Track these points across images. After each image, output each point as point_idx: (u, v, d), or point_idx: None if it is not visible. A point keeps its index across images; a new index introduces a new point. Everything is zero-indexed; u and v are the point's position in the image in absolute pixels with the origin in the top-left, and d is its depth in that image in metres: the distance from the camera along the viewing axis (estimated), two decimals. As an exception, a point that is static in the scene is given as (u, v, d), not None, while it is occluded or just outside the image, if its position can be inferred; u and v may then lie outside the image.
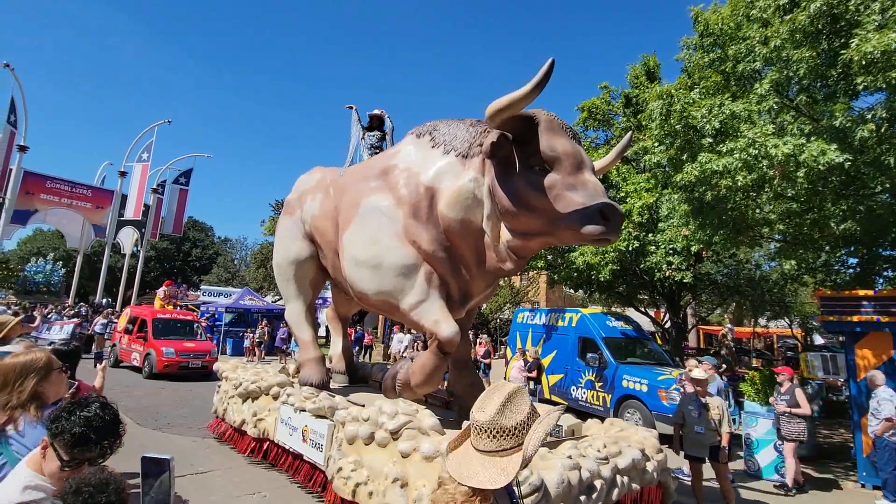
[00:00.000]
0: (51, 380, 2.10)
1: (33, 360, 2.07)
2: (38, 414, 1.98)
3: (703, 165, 6.95)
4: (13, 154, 23.03)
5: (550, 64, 3.65)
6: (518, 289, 28.53)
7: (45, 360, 2.10)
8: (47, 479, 1.54)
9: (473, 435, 1.38)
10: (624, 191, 11.82)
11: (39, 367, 2.05)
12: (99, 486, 1.11)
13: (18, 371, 2.00)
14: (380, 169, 5.21)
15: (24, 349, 2.36)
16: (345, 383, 6.98)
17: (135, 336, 13.40)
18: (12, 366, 2.01)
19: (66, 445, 1.49)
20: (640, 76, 13.89)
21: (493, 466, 1.30)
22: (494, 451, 1.33)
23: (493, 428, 1.34)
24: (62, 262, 33.72)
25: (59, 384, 2.20)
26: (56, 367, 2.17)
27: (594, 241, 3.94)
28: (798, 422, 6.63)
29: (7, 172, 22.86)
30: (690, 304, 15.74)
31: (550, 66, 3.65)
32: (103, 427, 1.53)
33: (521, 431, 1.34)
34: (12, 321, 4.87)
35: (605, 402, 9.53)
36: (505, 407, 1.36)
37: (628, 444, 4.40)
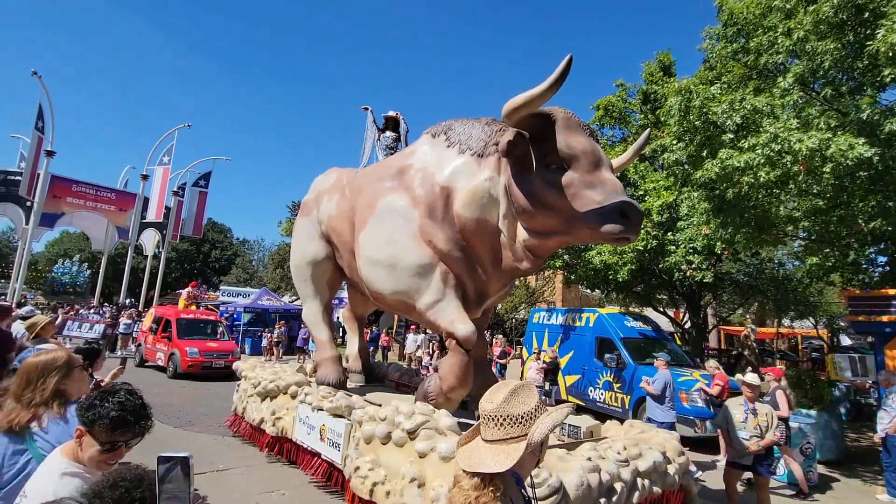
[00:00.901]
0: (73, 377, 2.16)
1: (54, 358, 2.13)
2: (60, 411, 2.03)
3: (724, 162, 6.78)
4: (41, 159, 23.76)
5: (568, 60, 3.60)
6: (534, 288, 28.34)
7: (65, 359, 2.16)
8: (83, 467, 1.59)
9: (482, 426, 1.41)
10: (642, 189, 11.63)
11: (60, 365, 2.11)
12: (134, 481, 1.14)
13: (40, 370, 2.06)
14: (395, 169, 5.22)
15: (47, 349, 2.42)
16: (361, 383, 7.03)
17: (159, 336, 13.62)
18: (34, 365, 2.07)
19: (105, 429, 1.56)
20: (655, 73, 13.67)
21: (500, 453, 1.32)
22: (501, 440, 1.35)
23: (500, 415, 1.36)
24: (87, 264, 34.73)
25: (82, 381, 2.26)
26: (77, 366, 2.23)
27: (613, 241, 3.88)
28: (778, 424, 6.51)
29: (35, 177, 23.60)
30: (711, 303, 15.41)
31: (568, 63, 3.60)
32: (136, 409, 1.62)
33: (527, 420, 1.36)
34: (44, 320, 5.04)
35: (623, 404, 9.40)
36: (512, 396, 1.39)
37: (649, 447, 4.32)
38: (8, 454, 1.88)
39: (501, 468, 1.29)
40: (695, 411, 8.16)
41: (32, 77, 22.60)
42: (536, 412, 1.38)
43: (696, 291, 12.74)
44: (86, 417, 1.59)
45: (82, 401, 1.68)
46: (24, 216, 24.36)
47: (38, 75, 22.76)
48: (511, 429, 1.35)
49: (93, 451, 1.59)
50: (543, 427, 1.35)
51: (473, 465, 1.32)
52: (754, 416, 5.07)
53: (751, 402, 5.19)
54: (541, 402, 1.43)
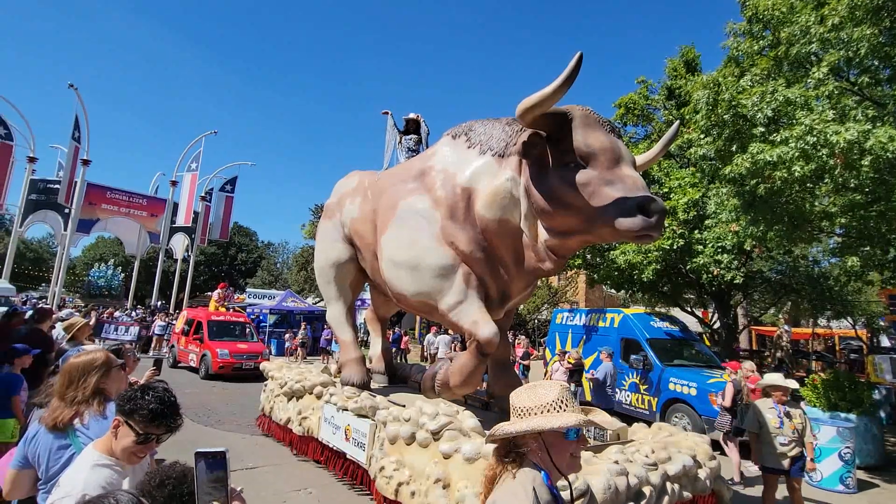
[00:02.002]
0: (111, 376, 2.27)
1: (94, 358, 2.25)
2: (100, 408, 2.13)
3: (755, 156, 6.56)
4: (78, 167, 24.79)
5: (578, 58, 3.53)
6: (556, 289, 28.02)
7: (104, 359, 2.27)
8: (114, 459, 1.67)
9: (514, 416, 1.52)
10: (667, 186, 11.35)
11: (99, 364, 2.23)
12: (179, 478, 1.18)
13: (81, 369, 2.17)
14: (417, 171, 5.24)
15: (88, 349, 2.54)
16: (384, 383, 7.07)
17: (191, 338, 13.92)
18: (75, 365, 2.19)
19: (143, 420, 1.64)
20: (679, 68, 13.34)
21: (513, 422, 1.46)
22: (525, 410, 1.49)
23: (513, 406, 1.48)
24: (121, 268, 36.00)
25: (120, 380, 2.36)
26: (115, 365, 2.34)
27: (635, 238, 3.75)
28: (724, 414, 6.81)
29: (73, 185, 24.63)
30: (741, 303, 14.94)
31: (579, 61, 3.54)
32: (172, 404, 1.73)
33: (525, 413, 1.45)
34: (80, 322, 5.25)
35: (650, 406, 9.20)
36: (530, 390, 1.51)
37: (678, 450, 4.21)
38: (53, 449, 1.98)
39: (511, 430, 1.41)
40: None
41: (69, 89, 23.61)
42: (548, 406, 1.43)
43: (725, 291, 12.37)
44: (125, 408, 1.67)
45: (122, 393, 1.75)
46: (62, 222, 25.45)
47: (74, 87, 23.77)
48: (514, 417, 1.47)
49: (127, 440, 1.66)
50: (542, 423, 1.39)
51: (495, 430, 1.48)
52: (789, 420, 4.88)
53: (780, 405, 5.00)
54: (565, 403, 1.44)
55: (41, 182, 25.39)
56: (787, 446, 4.78)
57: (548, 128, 3.97)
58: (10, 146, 23.52)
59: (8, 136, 23.46)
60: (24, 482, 2.02)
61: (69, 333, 5.20)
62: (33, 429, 2.09)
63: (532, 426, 1.37)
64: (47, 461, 1.97)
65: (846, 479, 6.47)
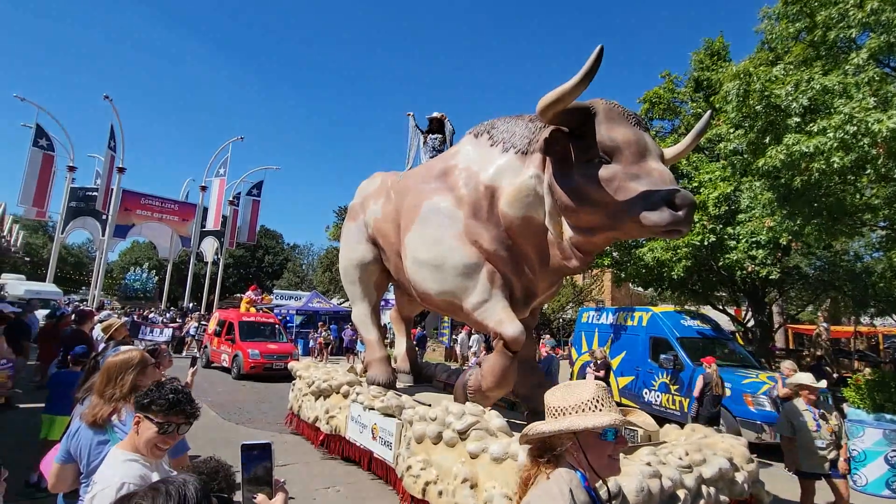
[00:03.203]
0: (147, 373, 2.38)
1: (130, 357, 2.37)
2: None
3: (790, 148, 6.29)
4: (113, 175, 25.85)
5: (599, 52, 3.45)
6: (581, 287, 27.61)
7: (139, 358, 2.40)
8: (140, 455, 1.73)
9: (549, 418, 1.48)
10: (696, 181, 11.02)
11: (135, 363, 2.35)
12: (211, 473, 1.22)
13: (118, 367, 2.29)
14: (439, 170, 5.24)
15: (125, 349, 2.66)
16: (410, 383, 7.10)
17: (223, 338, 14.23)
18: (113, 363, 2.30)
19: (161, 410, 1.72)
20: (705, 60, 12.91)
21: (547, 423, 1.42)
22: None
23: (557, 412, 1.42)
24: (155, 271, 37.37)
25: (154, 377, 2.46)
26: (150, 363, 2.47)
27: (662, 233, 3.64)
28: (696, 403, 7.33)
29: (109, 192, 25.69)
30: (777, 300, 14.38)
31: (599, 54, 3.45)
32: (186, 394, 1.81)
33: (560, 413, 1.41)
34: (117, 323, 5.46)
35: (681, 407, 8.95)
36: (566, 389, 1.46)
37: (714, 452, 4.07)
38: (93, 444, 2.07)
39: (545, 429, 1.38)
40: (762, 415, 7.64)
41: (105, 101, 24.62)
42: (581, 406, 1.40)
43: (759, 287, 11.93)
44: (143, 402, 1.75)
45: (139, 393, 1.83)
46: (100, 228, 26.58)
47: (109, 99, 24.78)
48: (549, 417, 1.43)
49: (150, 433, 1.72)
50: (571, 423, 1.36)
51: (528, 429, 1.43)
52: (825, 422, 4.67)
53: (813, 406, 4.76)
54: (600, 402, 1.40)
55: (80, 190, 26.59)
56: (826, 450, 4.57)
57: (570, 123, 3.90)
58: (51, 156, 24.71)
59: (50, 147, 24.64)
60: (67, 476, 2.11)
61: (107, 334, 5.42)
62: (75, 425, 2.18)
63: (566, 426, 1.33)
64: (88, 455, 2.06)
65: (893, 484, 6.15)
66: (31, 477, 4.57)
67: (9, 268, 27.85)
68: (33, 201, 23.92)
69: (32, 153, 23.67)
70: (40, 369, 9.10)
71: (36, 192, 23.88)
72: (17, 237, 15.25)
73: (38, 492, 4.39)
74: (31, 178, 23.56)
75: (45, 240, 42.90)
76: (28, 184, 23.50)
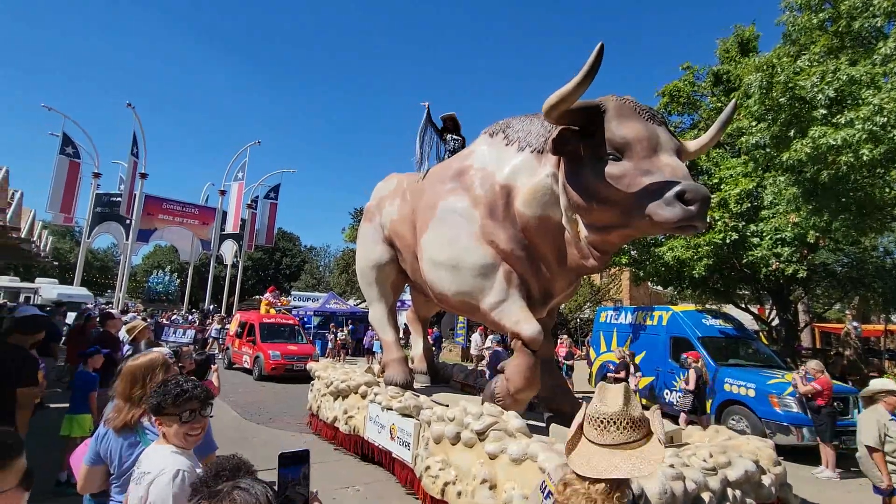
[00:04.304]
0: (171, 373, 2.41)
1: (154, 358, 2.42)
2: None
3: (817, 141, 6.12)
4: (136, 181, 26.52)
5: (599, 50, 3.38)
6: (598, 287, 27.28)
7: (163, 359, 2.44)
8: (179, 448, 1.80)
9: (596, 429, 1.38)
10: (717, 177, 10.77)
11: (161, 363, 2.39)
12: (233, 469, 1.23)
13: (145, 369, 2.32)
14: (455, 170, 5.23)
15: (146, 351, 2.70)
16: (427, 383, 7.10)
17: (245, 340, 14.36)
18: (139, 365, 2.34)
19: (173, 404, 1.79)
20: (731, 50, 12.56)
21: (630, 458, 1.31)
22: (623, 444, 1.33)
23: (624, 419, 1.35)
24: (177, 274, 38.24)
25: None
26: (171, 363, 2.53)
27: (675, 230, 3.53)
28: (686, 396, 7.93)
29: (132, 197, 26.36)
30: (802, 298, 13.97)
31: (599, 52, 3.38)
32: (190, 382, 1.88)
33: (645, 422, 1.37)
34: (141, 325, 5.59)
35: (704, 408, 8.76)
36: (629, 399, 1.40)
37: (739, 454, 3.96)
38: (124, 447, 2.10)
39: (641, 473, 1.30)
40: (789, 417, 7.43)
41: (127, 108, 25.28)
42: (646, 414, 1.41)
43: (784, 285, 11.60)
44: (154, 406, 1.80)
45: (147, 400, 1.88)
46: (124, 233, 27.28)
47: (132, 107, 25.42)
48: (633, 432, 1.34)
49: (174, 427, 1.78)
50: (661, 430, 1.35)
51: (603, 472, 1.29)
52: None
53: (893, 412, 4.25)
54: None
55: (105, 196, 27.33)
56: None
57: (579, 122, 3.84)
58: (77, 164, 25.45)
59: (76, 155, 25.39)
60: (96, 477, 2.15)
61: (131, 335, 5.56)
62: (103, 428, 2.21)
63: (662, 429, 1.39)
64: (119, 458, 2.09)
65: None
66: (60, 475, 4.70)
67: (38, 272, 28.83)
68: (61, 207, 24.66)
69: (59, 161, 24.42)
70: (69, 370, 9.38)
71: (63, 198, 24.62)
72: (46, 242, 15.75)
73: (67, 488, 4.51)
74: (58, 185, 24.30)
75: (72, 245, 44.25)
76: (56, 191, 24.24)
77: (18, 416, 3.44)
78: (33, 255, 13.34)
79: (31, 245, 11.61)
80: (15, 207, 8.82)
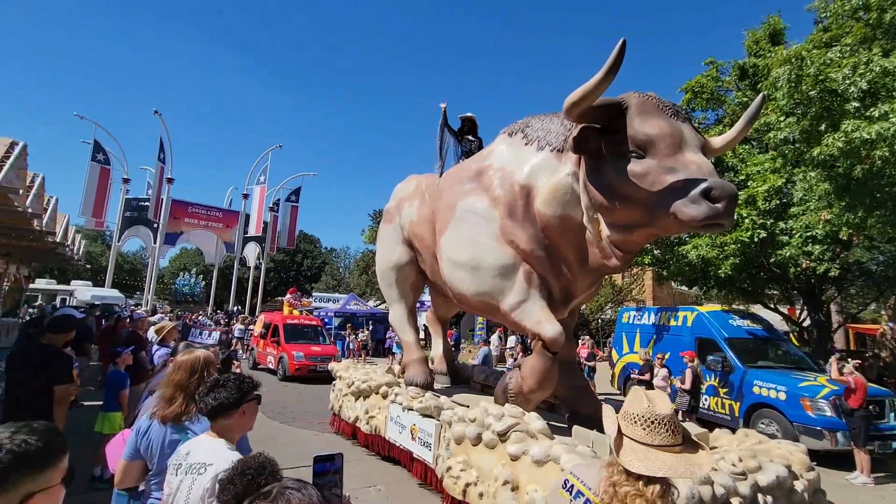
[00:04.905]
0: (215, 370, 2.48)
1: (208, 355, 2.46)
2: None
3: (850, 135, 5.90)
4: (163, 186, 27.33)
5: (621, 46, 3.32)
6: (620, 287, 26.83)
7: (212, 357, 2.51)
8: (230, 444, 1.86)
9: (645, 429, 1.38)
10: (743, 173, 10.48)
11: (212, 361, 2.45)
12: (258, 468, 1.26)
13: (202, 363, 2.35)
14: (474, 171, 5.23)
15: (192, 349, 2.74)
16: (447, 384, 7.10)
17: (269, 340, 14.54)
18: (196, 359, 2.36)
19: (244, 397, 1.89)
20: (761, 41, 12.17)
21: (679, 459, 1.34)
22: (671, 445, 1.36)
23: (674, 423, 1.38)
24: (202, 276, 39.19)
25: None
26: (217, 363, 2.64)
27: (701, 228, 3.44)
28: (683, 395, 8.12)
29: (160, 202, 27.18)
30: (835, 298, 13.47)
31: (621, 49, 3.33)
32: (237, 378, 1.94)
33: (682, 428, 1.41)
34: (169, 326, 5.75)
35: (731, 411, 8.54)
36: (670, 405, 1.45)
37: (770, 459, 3.85)
38: (166, 444, 2.11)
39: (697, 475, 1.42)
40: (822, 421, 7.18)
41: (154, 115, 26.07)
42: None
43: (816, 285, 11.21)
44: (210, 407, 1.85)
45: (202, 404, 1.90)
46: (152, 236, 28.13)
47: (158, 114, 26.22)
48: (678, 437, 1.38)
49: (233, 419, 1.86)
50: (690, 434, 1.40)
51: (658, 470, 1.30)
52: None
53: None
54: None
55: (134, 200, 28.23)
56: None
57: (600, 120, 3.79)
58: (108, 170, 26.38)
59: (106, 161, 26.32)
60: (133, 472, 2.18)
61: (160, 336, 5.72)
62: (145, 424, 2.21)
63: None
64: (160, 454, 2.09)
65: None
66: (94, 470, 4.87)
67: (72, 275, 29.94)
68: (93, 212, 25.59)
69: (91, 167, 25.35)
70: (101, 369, 9.72)
71: (95, 203, 25.54)
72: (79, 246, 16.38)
73: (100, 483, 4.67)
74: (90, 190, 25.22)
75: (102, 248, 45.81)
76: (88, 196, 25.16)
77: (56, 412, 3.57)
78: (68, 258, 13.88)
79: (65, 249, 12.09)
80: (50, 213, 9.20)
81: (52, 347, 3.84)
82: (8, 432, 1.08)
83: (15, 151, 5.75)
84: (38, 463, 1.09)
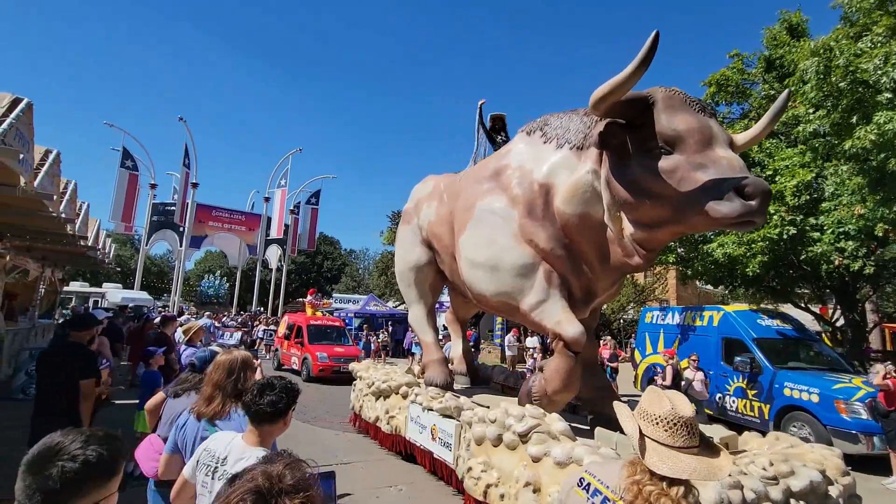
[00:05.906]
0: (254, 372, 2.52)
1: (246, 356, 2.48)
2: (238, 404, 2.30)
3: (883, 126, 5.68)
4: (188, 190, 28.05)
5: (654, 37, 3.25)
6: (643, 286, 26.34)
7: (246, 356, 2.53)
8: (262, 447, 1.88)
9: (667, 431, 1.36)
10: (770, 168, 10.14)
11: (250, 361, 2.47)
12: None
13: (240, 364, 2.39)
14: (492, 170, 5.21)
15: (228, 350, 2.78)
16: (467, 385, 7.09)
17: (293, 341, 14.67)
18: (234, 359, 2.41)
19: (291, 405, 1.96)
20: (779, 37, 11.86)
21: (700, 461, 1.33)
22: (691, 447, 1.35)
23: (694, 424, 1.37)
24: (226, 278, 40.07)
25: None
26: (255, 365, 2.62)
27: (734, 226, 3.36)
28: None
29: (185, 206, 27.91)
30: (870, 297, 12.94)
31: (654, 41, 3.25)
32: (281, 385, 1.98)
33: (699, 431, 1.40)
34: (196, 326, 5.89)
35: (761, 413, 8.28)
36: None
37: (802, 464, 3.71)
38: (197, 440, 2.18)
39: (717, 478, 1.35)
40: (857, 424, 6.90)
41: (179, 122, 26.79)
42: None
43: (849, 283, 10.78)
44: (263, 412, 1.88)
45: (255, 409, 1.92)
46: (178, 240, 28.89)
47: (183, 120, 26.92)
48: (695, 438, 1.36)
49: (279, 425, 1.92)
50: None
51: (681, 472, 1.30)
52: None
53: None
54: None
55: (161, 205, 29.04)
56: None
57: (627, 115, 3.73)
58: (136, 176, 27.23)
59: (134, 167, 27.17)
60: (175, 465, 2.25)
61: (187, 336, 5.87)
62: (183, 418, 2.31)
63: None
64: (192, 448, 2.17)
65: None
66: (127, 466, 5.02)
67: (103, 277, 30.99)
68: (122, 217, 26.46)
69: (120, 174, 26.22)
70: (131, 369, 10.03)
71: (124, 208, 26.41)
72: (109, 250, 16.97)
73: (132, 479, 4.81)
74: (119, 196, 26.09)
75: (131, 252, 47.31)
76: (117, 201, 26.04)
77: (82, 406, 3.69)
78: (99, 261, 14.37)
79: (97, 252, 12.52)
80: (83, 218, 9.54)
81: (76, 344, 3.94)
82: (79, 442, 1.10)
83: (49, 159, 5.98)
84: (106, 472, 1.11)
